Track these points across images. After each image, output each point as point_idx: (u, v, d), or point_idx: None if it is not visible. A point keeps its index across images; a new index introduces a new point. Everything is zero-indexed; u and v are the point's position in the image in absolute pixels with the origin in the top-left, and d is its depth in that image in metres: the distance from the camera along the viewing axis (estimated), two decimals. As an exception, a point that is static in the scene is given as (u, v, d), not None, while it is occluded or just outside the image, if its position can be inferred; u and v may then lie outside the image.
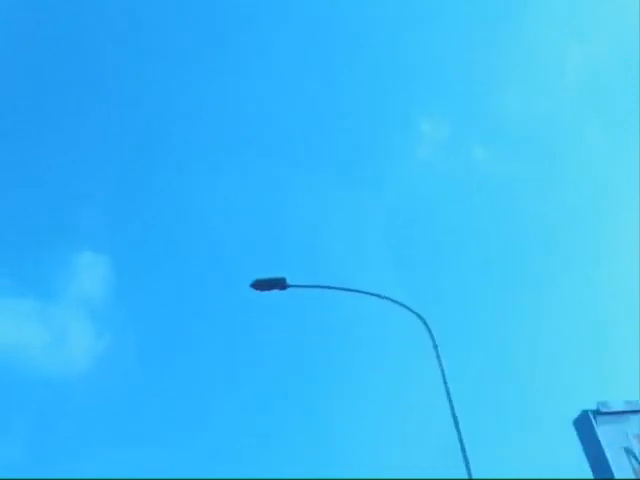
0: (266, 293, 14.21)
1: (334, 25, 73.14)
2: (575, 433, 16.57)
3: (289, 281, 14.29)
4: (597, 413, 16.14)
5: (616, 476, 15.66)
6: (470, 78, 70.24)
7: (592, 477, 15.86)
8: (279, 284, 14.18)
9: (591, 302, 55.77)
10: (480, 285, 63.52)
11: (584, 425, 16.16)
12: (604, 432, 16.33)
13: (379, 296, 14.34)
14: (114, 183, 68.17)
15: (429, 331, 14.33)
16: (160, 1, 70.96)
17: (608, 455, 16.09)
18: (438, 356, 14.15)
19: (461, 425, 13.70)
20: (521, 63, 69.17)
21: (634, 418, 17.10)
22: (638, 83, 58.91)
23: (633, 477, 16.69)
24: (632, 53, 64.33)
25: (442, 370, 14.03)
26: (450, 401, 13.85)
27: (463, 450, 13.32)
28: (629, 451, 16.35)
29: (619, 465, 15.98)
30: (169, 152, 63.57)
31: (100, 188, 67.54)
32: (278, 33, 71.54)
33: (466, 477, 12.81)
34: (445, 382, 13.98)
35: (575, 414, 16.67)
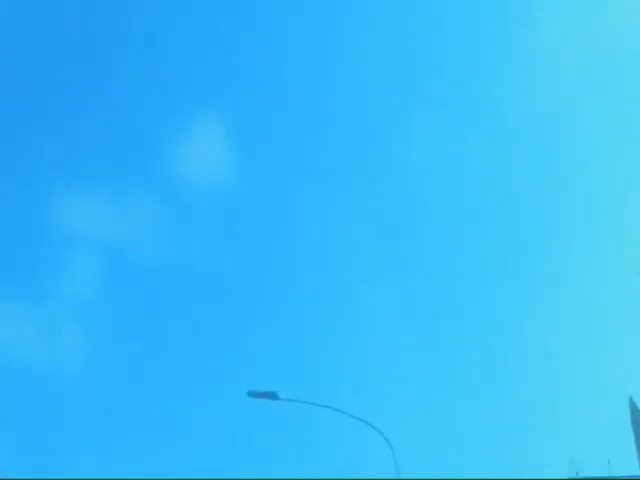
0: (259, 400, 16.04)
1: (330, 20, 72.17)
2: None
3: (280, 395, 16.04)
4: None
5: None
6: (467, 74, 70.18)
7: None
8: (270, 396, 15.96)
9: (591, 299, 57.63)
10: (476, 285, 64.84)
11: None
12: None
13: (357, 418, 16.02)
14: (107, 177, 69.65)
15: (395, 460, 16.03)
16: None
17: None
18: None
19: None
20: (518, 59, 66.66)
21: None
22: (633, 79, 58.97)
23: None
24: (626, 49, 64.26)
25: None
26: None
27: None
28: None
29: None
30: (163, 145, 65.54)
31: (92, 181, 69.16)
32: (270, 30, 70.86)
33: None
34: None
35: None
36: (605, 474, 31.24)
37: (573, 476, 30.98)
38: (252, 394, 16.10)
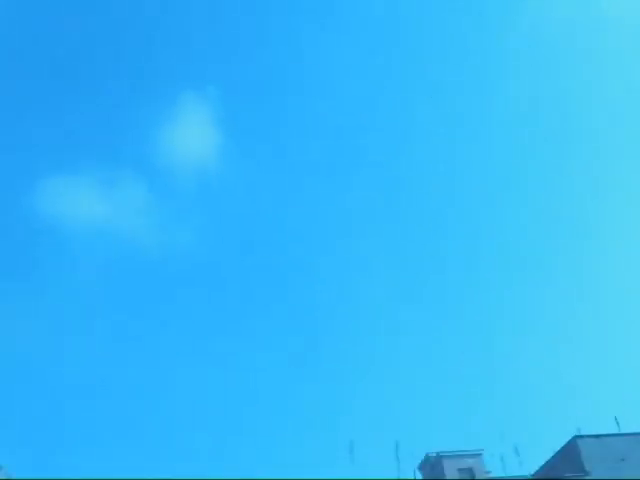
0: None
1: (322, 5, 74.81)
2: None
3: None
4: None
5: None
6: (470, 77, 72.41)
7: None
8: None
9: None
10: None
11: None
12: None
13: None
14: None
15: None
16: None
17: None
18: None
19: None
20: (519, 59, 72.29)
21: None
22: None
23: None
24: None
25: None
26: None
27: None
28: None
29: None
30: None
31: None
32: (258, 12, 73.11)
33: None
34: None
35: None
36: (613, 431, 27.93)
37: (575, 433, 28.84)
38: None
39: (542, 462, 30.71)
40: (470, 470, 32.14)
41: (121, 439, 53.50)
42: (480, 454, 32.54)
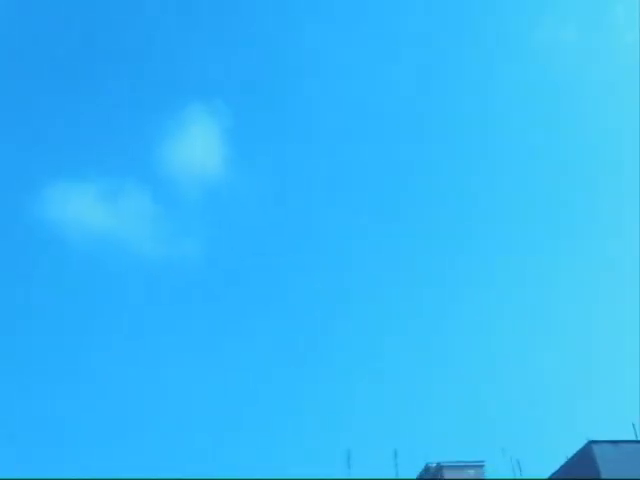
0: None
1: (324, 17, 75.79)
2: None
3: None
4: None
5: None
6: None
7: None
8: None
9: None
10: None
11: None
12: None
13: None
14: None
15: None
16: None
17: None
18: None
19: None
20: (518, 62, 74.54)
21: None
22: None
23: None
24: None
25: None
26: None
27: None
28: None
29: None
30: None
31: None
32: (264, 25, 74.04)
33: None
34: None
35: None
36: (631, 438, 28.21)
37: (585, 441, 28.14)
38: None
39: (546, 472, 30.81)
40: (471, 481, 32.08)
41: (121, 439, 52.03)
42: (482, 465, 32.67)
